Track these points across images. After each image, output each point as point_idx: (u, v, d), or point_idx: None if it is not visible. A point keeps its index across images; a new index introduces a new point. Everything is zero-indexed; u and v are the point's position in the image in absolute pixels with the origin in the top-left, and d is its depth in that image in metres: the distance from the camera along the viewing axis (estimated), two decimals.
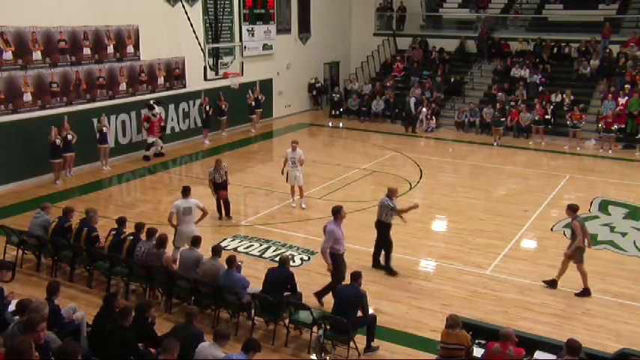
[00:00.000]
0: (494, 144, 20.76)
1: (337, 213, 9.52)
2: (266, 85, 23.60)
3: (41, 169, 15.67)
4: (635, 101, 20.31)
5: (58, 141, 15.45)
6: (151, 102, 18.22)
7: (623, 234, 12.73)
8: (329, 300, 8.49)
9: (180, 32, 18.77)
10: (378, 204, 10.90)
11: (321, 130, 24.02)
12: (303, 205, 14.12)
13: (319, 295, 9.42)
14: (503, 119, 21.36)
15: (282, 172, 14.07)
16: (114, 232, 10.15)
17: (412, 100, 23.02)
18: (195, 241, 9.51)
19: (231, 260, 8.81)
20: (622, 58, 22.84)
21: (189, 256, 9.37)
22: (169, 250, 9.96)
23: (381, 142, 21.38)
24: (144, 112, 18.26)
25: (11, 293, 7.62)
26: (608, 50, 23.41)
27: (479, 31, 26.00)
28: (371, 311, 8.48)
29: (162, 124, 18.63)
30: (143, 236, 9.89)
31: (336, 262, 9.42)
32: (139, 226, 10.07)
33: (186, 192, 10.74)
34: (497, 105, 21.80)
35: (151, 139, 18.15)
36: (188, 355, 6.65)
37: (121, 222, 10.32)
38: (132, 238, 9.90)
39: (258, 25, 22.97)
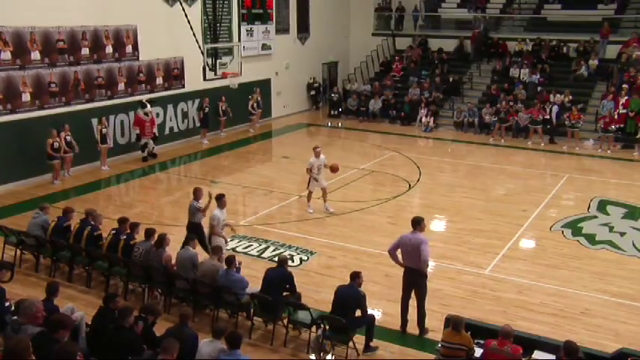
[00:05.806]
0: (501, 141, 20.97)
1: (418, 224, 8.63)
2: (265, 86, 23.59)
3: (40, 170, 15.63)
4: (634, 101, 20.32)
5: (56, 144, 15.41)
6: (144, 100, 18.19)
7: (622, 234, 12.73)
8: (328, 300, 8.47)
9: (179, 32, 18.72)
10: None
11: (319, 130, 24.02)
12: (331, 209, 13.70)
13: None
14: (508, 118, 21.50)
15: (308, 186, 13.53)
16: (114, 232, 10.14)
17: (555, 109, 20.71)
18: (187, 240, 9.53)
19: (230, 260, 8.81)
20: (623, 56, 22.82)
21: (184, 255, 9.36)
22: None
23: (380, 142, 21.37)
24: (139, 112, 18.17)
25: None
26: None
27: (472, 32, 25.97)
28: (370, 311, 8.45)
29: (155, 125, 18.35)
30: (137, 236, 9.90)
31: (425, 279, 8.76)
32: (131, 225, 10.06)
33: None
34: (499, 105, 21.82)
35: (143, 140, 18.07)
36: (183, 357, 6.60)
37: (122, 222, 10.31)
38: (125, 237, 9.91)
39: (257, 25, 22.96)
